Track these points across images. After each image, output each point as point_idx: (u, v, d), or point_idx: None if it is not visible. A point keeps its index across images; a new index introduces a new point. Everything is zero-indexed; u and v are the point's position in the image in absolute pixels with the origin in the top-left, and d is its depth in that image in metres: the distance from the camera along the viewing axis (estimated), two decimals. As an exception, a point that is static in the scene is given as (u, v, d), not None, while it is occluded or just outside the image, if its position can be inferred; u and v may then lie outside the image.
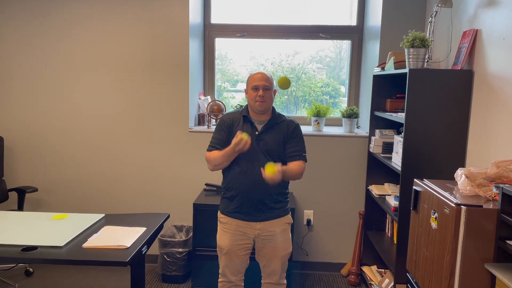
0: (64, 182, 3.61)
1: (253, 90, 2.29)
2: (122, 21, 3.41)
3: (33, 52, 3.49)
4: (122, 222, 2.41)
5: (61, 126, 3.56)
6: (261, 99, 2.27)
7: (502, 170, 1.81)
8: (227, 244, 2.33)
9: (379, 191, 3.07)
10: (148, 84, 3.47)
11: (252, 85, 2.30)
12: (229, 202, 2.35)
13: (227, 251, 2.34)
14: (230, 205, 2.34)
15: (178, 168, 3.54)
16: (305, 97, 3.93)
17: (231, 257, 2.35)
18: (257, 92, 2.27)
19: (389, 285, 2.86)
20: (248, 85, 2.34)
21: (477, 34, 2.40)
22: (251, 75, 2.35)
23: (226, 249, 2.34)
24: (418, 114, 2.46)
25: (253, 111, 2.35)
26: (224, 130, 2.34)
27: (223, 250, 2.36)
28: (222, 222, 2.38)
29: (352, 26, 3.69)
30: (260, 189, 2.26)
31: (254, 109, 2.32)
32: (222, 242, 2.36)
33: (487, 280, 1.67)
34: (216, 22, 3.74)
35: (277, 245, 2.33)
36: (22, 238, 2.13)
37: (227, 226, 2.35)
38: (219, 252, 2.40)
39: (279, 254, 2.35)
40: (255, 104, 2.29)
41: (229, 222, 2.34)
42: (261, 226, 2.31)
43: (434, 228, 1.86)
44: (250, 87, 2.31)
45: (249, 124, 2.33)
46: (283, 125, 2.34)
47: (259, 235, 2.32)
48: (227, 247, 2.34)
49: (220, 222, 2.39)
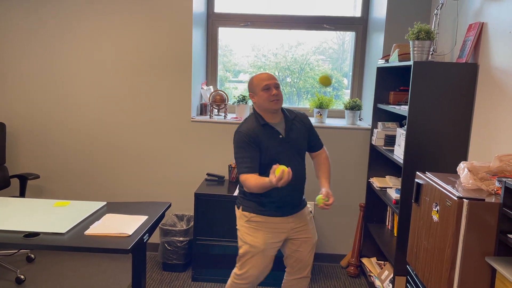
0: (66, 170, 3.61)
1: (264, 91, 2.20)
2: (124, 10, 3.39)
3: (36, 40, 3.48)
4: (124, 210, 2.42)
5: (63, 113, 3.56)
6: (276, 97, 2.21)
7: (505, 164, 1.80)
8: (262, 242, 2.24)
9: (380, 184, 3.08)
10: (151, 73, 3.46)
11: (263, 86, 2.20)
12: (259, 202, 2.26)
13: (262, 250, 2.24)
14: (261, 205, 2.26)
15: (180, 157, 3.55)
16: (308, 89, 3.92)
17: (263, 257, 2.26)
18: (269, 92, 2.20)
19: (388, 277, 2.87)
20: (255, 88, 2.22)
21: (483, 27, 2.38)
22: (255, 78, 2.25)
23: (262, 247, 2.24)
24: (422, 107, 2.46)
25: (266, 114, 2.25)
26: (252, 145, 2.19)
27: (255, 249, 2.24)
28: (254, 221, 2.26)
29: (357, 17, 3.66)
30: (297, 191, 2.30)
31: (270, 110, 2.23)
32: (255, 241, 2.24)
33: (487, 273, 1.68)
34: (220, 11, 3.72)
35: (309, 234, 2.37)
36: (24, 225, 2.14)
37: (260, 224, 2.26)
38: (246, 254, 2.27)
39: (312, 242, 2.39)
40: (271, 104, 2.21)
41: (263, 220, 2.26)
42: (293, 219, 2.31)
43: (436, 221, 1.87)
44: (259, 89, 2.21)
45: (270, 130, 2.24)
46: (298, 120, 2.33)
47: (292, 228, 2.31)
48: (262, 245, 2.24)
49: (251, 221, 2.26)
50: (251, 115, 2.30)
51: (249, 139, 2.19)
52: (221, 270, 3.14)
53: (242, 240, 2.30)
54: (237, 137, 2.22)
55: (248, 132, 2.20)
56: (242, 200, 2.31)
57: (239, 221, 2.33)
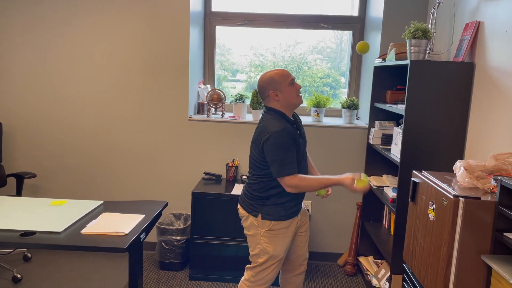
0: (63, 169, 3.61)
1: (291, 86, 2.16)
2: (121, 8, 3.38)
3: (32, 39, 3.47)
4: (121, 209, 2.42)
5: (60, 112, 3.55)
6: (300, 91, 2.22)
7: (500, 162, 1.81)
8: (283, 249, 2.23)
9: (377, 183, 3.08)
10: (148, 72, 3.45)
11: (289, 81, 2.15)
12: (282, 207, 2.20)
13: (282, 256, 2.24)
14: (283, 209, 2.21)
15: (177, 156, 3.54)
16: (305, 88, 3.92)
17: (281, 261, 2.26)
18: (295, 86, 2.18)
19: (385, 275, 2.88)
20: (280, 85, 2.14)
21: (479, 26, 2.39)
22: (275, 75, 2.15)
23: (283, 254, 2.24)
24: (418, 106, 2.46)
25: (288, 111, 2.19)
26: (293, 144, 2.11)
27: (277, 258, 2.22)
28: (275, 229, 2.20)
29: (354, 16, 3.67)
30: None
31: (296, 105, 2.19)
32: (277, 250, 2.21)
33: (483, 271, 1.69)
34: (217, 10, 3.72)
35: (307, 226, 2.42)
36: (20, 223, 2.14)
37: (281, 231, 2.21)
38: (266, 262, 2.22)
39: (309, 234, 2.46)
40: (298, 98, 2.18)
41: (285, 226, 2.22)
42: (300, 215, 2.33)
43: (432, 219, 1.87)
44: (286, 84, 2.14)
45: (294, 127, 2.19)
46: (297, 117, 2.33)
47: (299, 224, 2.33)
48: (283, 252, 2.23)
49: (272, 230, 2.20)
50: (273, 114, 2.17)
51: (291, 137, 2.10)
52: (218, 269, 3.14)
53: (261, 250, 2.22)
54: (276, 138, 2.07)
55: (288, 131, 2.10)
56: (261, 207, 2.21)
57: (258, 229, 2.22)
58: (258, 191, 2.22)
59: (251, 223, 2.24)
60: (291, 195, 2.19)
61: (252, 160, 2.24)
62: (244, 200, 2.30)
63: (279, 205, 2.20)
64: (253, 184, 2.24)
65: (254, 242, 2.25)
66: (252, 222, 2.24)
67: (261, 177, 2.20)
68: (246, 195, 2.29)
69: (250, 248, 2.29)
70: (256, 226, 2.23)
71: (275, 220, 2.20)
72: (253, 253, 2.27)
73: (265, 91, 2.18)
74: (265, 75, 2.18)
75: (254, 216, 2.23)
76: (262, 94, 2.20)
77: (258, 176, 2.21)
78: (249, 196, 2.26)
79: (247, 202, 2.27)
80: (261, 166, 2.18)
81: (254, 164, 2.23)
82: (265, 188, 2.20)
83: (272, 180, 2.17)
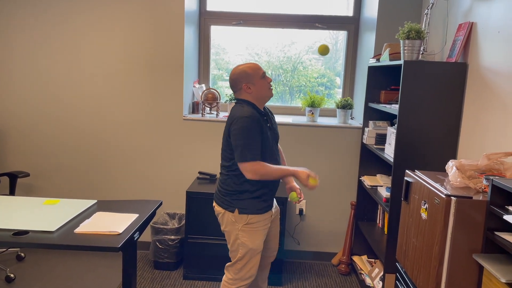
0: (57, 168, 3.59)
1: (263, 79, 2.21)
2: (115, 7, 3.37)
3: (25, 37, 3.45)
4: (114, 209, 2.41)
5: (54, 111, 3.53)
6: (271, 85, 2.26)
7: (492, 162, 1.82)
8: (261, 242, 2.26)
9: (371, 182, 3.09)
10: (142, 71, 3.45)
11: (261, 74, 2.20)
12: (258, 200, 2.23)
13: (260, 250, 2.27)
14: (259, 203, 2.23)
15: (172, 156, 3.54)
16: (300, 88, 3.93)
17: (260, 254, 2.29)
18: (266, 79, 2.22)
19: (379, 274, 2.89)
20: (253, 78, 2.18)
21: (472, 27, 2.40)
22: (247, 68, 2.20)
23: (261, 247, 2.27)
24: (412, 106, 2.47)
25: (260, 103, 2.23)
26: (258, 132, 2.13)
27: (256, 251, 2.25)
28: (253, 223, 2.22)
29: (349, 16, 3.68)
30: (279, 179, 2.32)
31: (267, 98, 2.24)
32: (255, 243, 2.23)
33: (474, 270, 1.70)
34: (212, 9, 3.71)
35: (278, 221, 2.45)
36: (13, 223, 2.13)
37: (259, 224, 2.24)
38: (245, 256, 2.24)
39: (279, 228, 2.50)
40: (269, 91, 2.24)
41: (261, 219, 2.25)
42: (274, 209, 2.37)
43: (424, 218, 1.88)
44: (259, 77, 2.19)
45: (264, 119, 2.22)
46: (269, 111, 2.38)
47: (273, 216, 2.37)
48: (261, 245, 2.26)
49: (249, 223, 2.21)
50: (244, 105, 2.19)
51: (257, 124, 2.12)
52: (213, 269, 3.14)
53: (239, 245, 2.23)
54: (242, 122, 2.09)
55: (256, 119, 2.12)
56: (237, 202, 2.22)
57: (234, 225, 2.23)
58: (231, 186, 2.22)
59: (228, 219, 2.25)
60: (265, 187, 2.23)
61: (223, 151, 2.25)
62: (219, 197, 2.29)
63: (255, 198, 2.22)
64: (226, 178, 2.24)
65: (232, 238, 2.26)
66: (229, 218, 2.24)
67: (233, 170, 2.20)
68: (221, 192, 2.28)
69: (229, 245, 2.30)
70: (234, 222, 2.23)
71: (252, 213, 2.22)
72: (232, 249, 2.28)
73: (237, 84, 2.21)
74: (237, 68, 2.23)
75: (230, 211, 2.23)
76: (235, 87, 2.24)
77: (230, 169, 2.22)
78: (224, 192, 2.26)
79: (222, 199, 2.27)
80: (231, 156, 2.19)
81: (225, 156, 2.24)
82: (239, 181, 2.21)
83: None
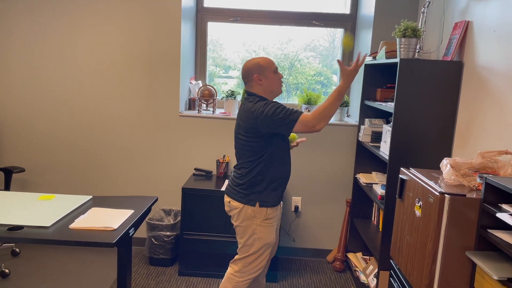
0: (52, 164, 3.58)
1: (275, 74, 2.21)
2: (112, 4, 3.36)
3: (20, 33, 3.43)
4: (110, 204, 2.41)
5: (49, 107, 3.52)
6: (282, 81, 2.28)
7: (486, 160, 1.83)
8: (274, 236, 2.27)
9: (367, 180, 3.10)
10: (139, 68, 3.44)
11: (274, 68, 2.20)
12: (275, 192, 2.24)
13: (273, 243, 2.28)
14: (276, 195, 2.25)
15: (168, 152, 3.54)
16: (297, 85, 3.93)
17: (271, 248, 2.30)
18: (278, 75, 2.23)
19: (373, 271, 2.91)
20: (265, 70, 2.18)
21: (468, 26, 2.41)
22: (261, 60, 2.20)
23: (274, 240, 2.28)
24: (407, 104, 2.48)
25: (270, 97, 2.24)
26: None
27: (269, 245, 2.26)
28: (270, 218, 2.23)
29: (346, 14, 3.68)
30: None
31: (277, 93, 2.25)
32: (270, 237, 2.24)
33: (467, 267, 1.71)
34: (209, 5, 3.71)
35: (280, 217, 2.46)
36: (8, 218, 2.12)
37: (275, 218, 2.27)
38: (259, 250, 2.24)
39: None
40: (280, 87, 2.25)
41: (277, 213, 2.28)
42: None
43: (418, 216, 1.90)
44: (271, 71, 2.19)
45: None
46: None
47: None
48: (274, 238, 2.28)
49: (268, 218, 2.22)
50: (257, 98, 2.18)
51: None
52: (208, 265, 3.15)
53: (255, 239, 2.22)
54: (269, 102, 2.12)
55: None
56: (257, 195, 2.20)
57: (253, 220, 2.21)
58: (254, 177, 2.20)
59: (246, 214, 2.22)
60: (281, 177, 2.24)
61: (244, 147, 2.22)
62: (236, 193, 2.26)
63: (274, 190, 2.23)
64: (249, 171, 2.20)
65: (249, 232, 2.23)
66: (247, 213, 2.21)
67: (258, 159, 2.18)
68: (239, 186, 2.25)
69: (243, 239, 2.26)
70: (253, 217, 2.21)
71: (272, 206, 2.23)
72: (246, 243, 2.25)
73: (249, 75, 2.21)
74: (251, 61, 2.24)
75: (251, 205, 2.20)
76: (246, 78, 2.23)
77: (253, 161, 2.19)
78: (243, 186, 2.23)
79: (241, 194, 2.24)
80: (257, 145, 2.16)
81: (246, 150, 2.21)
82: (261, 172, 2.19)
83: (268, 162, 2.18)
